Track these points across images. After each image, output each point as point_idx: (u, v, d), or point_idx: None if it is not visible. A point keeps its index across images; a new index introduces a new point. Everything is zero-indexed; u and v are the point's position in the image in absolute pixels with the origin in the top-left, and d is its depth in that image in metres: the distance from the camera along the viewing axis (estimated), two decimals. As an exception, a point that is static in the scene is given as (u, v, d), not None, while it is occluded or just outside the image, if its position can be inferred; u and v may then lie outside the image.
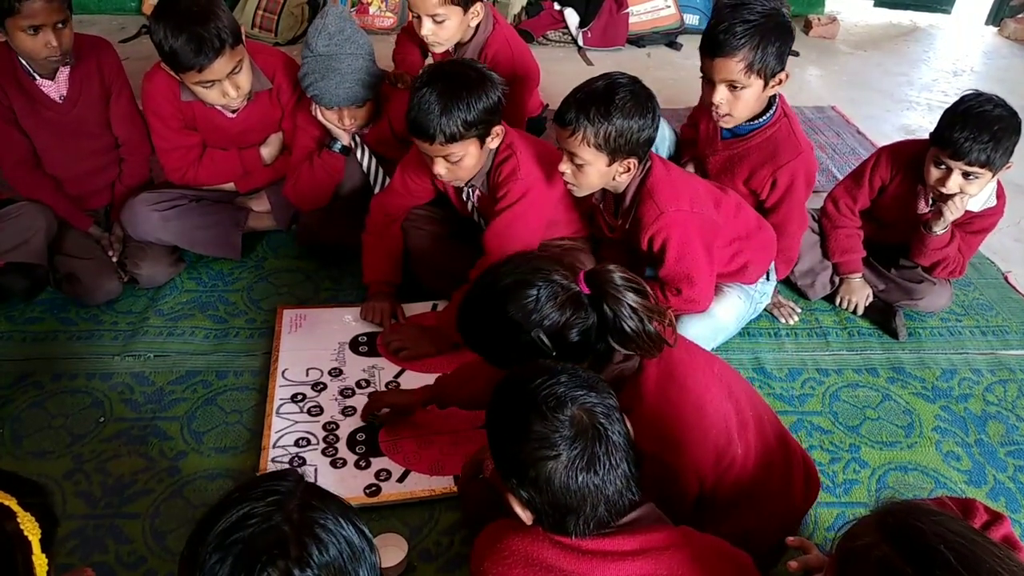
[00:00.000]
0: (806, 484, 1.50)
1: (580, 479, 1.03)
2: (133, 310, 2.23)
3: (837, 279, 2.33)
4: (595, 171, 1.79)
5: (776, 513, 1.44)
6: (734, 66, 1.90)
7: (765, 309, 2.26)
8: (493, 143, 1.93)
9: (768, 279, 2.16)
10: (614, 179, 1.83)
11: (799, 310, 2.29)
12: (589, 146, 1.73)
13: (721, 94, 1.95)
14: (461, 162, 1.89)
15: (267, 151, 2.37)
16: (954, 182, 2.00)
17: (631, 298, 1.30)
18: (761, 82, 1.93)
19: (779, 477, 1.45)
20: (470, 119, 1.81)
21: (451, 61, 1.86)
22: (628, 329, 1.29)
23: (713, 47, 1.91)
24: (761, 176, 2.06)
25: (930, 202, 2.14)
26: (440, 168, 1.90)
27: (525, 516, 1.10)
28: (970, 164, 1.96)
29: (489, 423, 1.13)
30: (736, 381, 1.44)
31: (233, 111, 2.23)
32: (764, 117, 2.04)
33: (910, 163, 2.16)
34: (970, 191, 2.03)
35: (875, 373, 2.11)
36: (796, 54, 4.09)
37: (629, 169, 1.80)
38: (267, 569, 0.80)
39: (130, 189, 2.34)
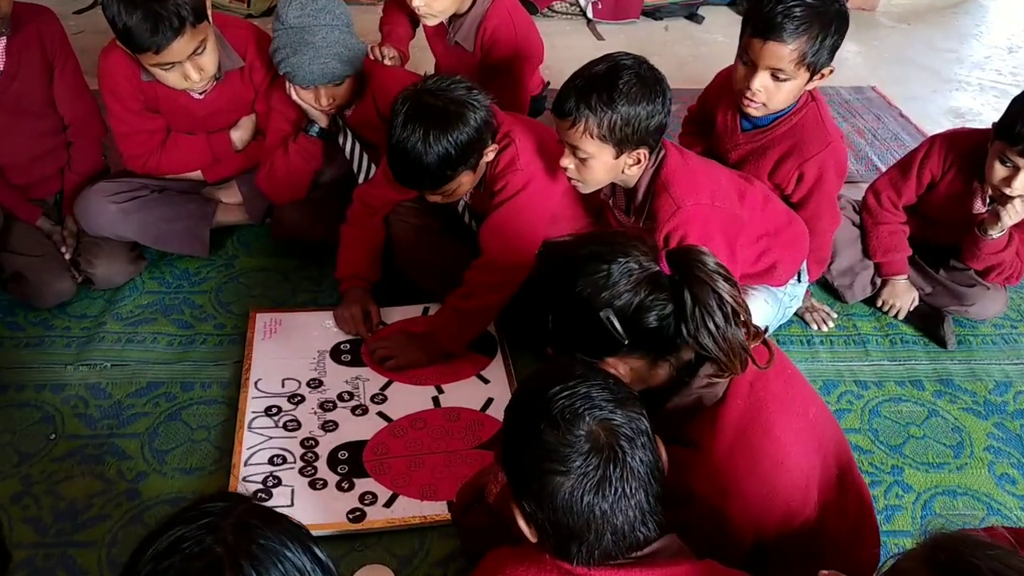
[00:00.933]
0: (871, 543, 1.49)
1: (584, 501, 1.03)
2: (88, 314, 2.23)
3: (879, 280, 2.33)
4: (601, 165, 1.79)
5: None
6: (786, 55, 1.87)
7: (796, 314, 2.26)
8: (488, 158, 1.95)
9: (799, 280, 2.16)
10: (623, 172, 1.83)
11: (835, 315, 2.29)
12: (593, 138, 1.73)
13: (762, 80, 1.93)
14: (455, 192, 1.94)
15: (238, 135, 2.37)
16: (1021, 182, 2.00)
17: (722, 287, 1.24)
18: (807, 75, 1.92)
19: (848, 539, 1.42)
20: (455, 158, 1.83)
21: (424, 91, 1.85)
22: (711, 325, 1.23)
23: (766, 28, 1.86)
24: (786, 169, 2.05)
25: (987, 201, 2.14)
26: (435, 199, 1.97)
27: (529, 532, 1.10)
28: None
29: (504, 421, 1.15)
30: (830, 428, 1.41)
31: (200, 92, 2.23)
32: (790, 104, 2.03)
33: (966, 156, 2.15)
34: None
35: (920, 386, 2.11)
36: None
37: (639, 161, 1.80)
38: None
39: (83, 177, 2.34)
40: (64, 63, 2.26)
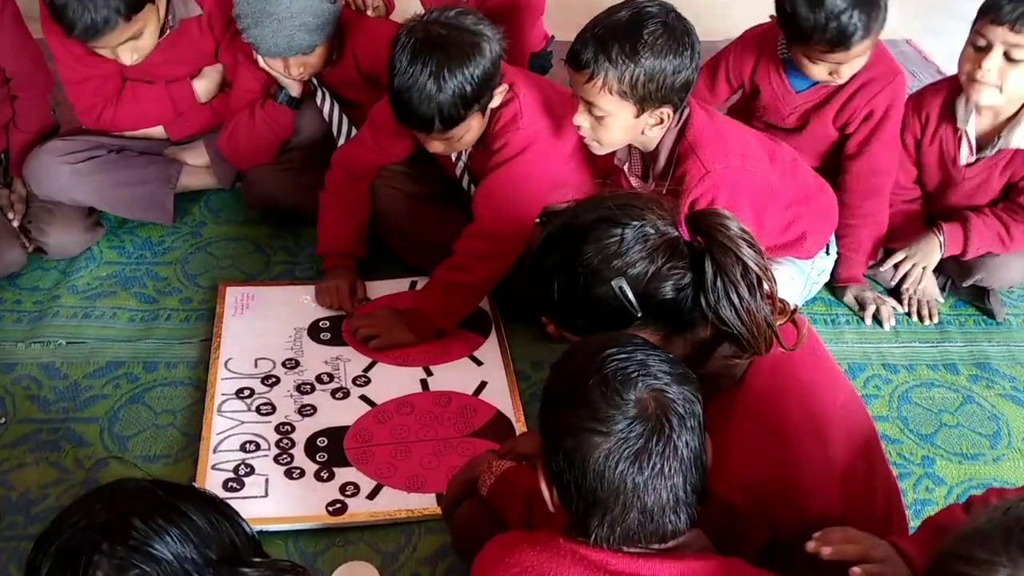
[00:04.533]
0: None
1: (619, 468, 1.04)
2: (40, 286, 2.23)
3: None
4: (620, 124, 1.78)
5: None
6: None
7: (856, 314, 2.26)
8: (495, 103, 1.95)
9: (827, 252, 2.18)
10: (643, 133, 1.82)
11: (900, 308, 2.26)
12: (612, 93, 1.72)
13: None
14: (462, 139, 1.93)
15: (203, 85, 2.37)
16: (993, 62, 1.96)
17: (747, 253, 1.24)
18: None
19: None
20: (470, 95, 1.82)
21: (431, 21, 1.84)
22: (733, 296, 1.23)
23: None
24: (855, 106, 2.13)
25: (975, 151, 2.14)
26: (436, 147, 1.96)
27: (549, 498, 1.12)
28: (1017, 30, 1.91)
29: (550, 374, 1.17)
30: (859, 418, 1.41)
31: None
32: None
33: (941, 108, 2.17)
34: (1010, 78, 1.97)
35: (954, 370, 2.13)
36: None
37: (662, 120, 1.79)
38: (97, 554, 0.87)
39: (31, 135, 2.32)
40: (1, 11, 2.24)
